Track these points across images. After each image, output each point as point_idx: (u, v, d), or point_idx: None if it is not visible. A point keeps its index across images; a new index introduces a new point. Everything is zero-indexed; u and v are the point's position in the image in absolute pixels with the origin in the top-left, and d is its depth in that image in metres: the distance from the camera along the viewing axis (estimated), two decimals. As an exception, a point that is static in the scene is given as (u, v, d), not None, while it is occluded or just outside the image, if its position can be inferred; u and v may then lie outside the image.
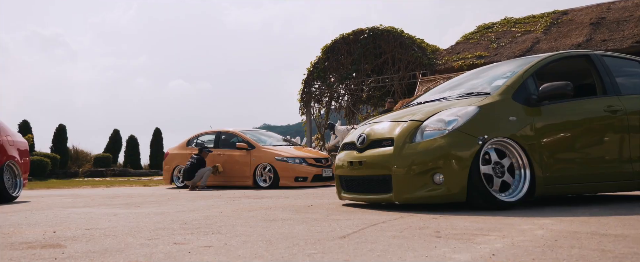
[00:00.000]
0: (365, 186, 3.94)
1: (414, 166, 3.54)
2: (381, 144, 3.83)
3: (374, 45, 14.98)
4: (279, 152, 9.72)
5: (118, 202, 5.72)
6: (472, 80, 4.50)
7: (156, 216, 3.70)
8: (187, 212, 3.98)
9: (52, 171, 20.43)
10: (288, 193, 6.83)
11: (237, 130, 10.61)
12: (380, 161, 3.74)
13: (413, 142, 3.61)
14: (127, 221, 3.32)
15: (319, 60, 16.04)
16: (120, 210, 4.37)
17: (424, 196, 3.51)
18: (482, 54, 13.22)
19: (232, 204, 4.82)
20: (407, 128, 3.70)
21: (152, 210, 4.28)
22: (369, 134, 3.97)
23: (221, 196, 6.66)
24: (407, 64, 14.12)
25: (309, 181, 9.45)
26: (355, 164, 3.98)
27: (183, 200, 5.81)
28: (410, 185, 3.55)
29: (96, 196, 7.30)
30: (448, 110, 3.66)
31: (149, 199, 6.11)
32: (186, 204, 4.96)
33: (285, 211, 3.88)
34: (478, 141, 3.45)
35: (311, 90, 16.38)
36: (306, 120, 16.67)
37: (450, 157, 3.45)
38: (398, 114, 4.15)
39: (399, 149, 3.63)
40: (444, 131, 3.53)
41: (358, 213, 3.51)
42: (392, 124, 3.89)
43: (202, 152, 9.82)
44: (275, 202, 5.04)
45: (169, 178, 10.96)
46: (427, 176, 3.50)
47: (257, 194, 6.72)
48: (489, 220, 2.86)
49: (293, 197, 5.92)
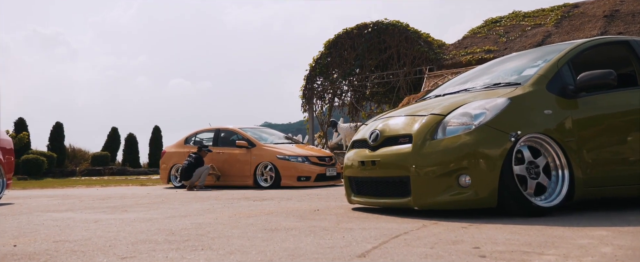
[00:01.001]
0: (379, 188, 3.49)
1: (436, 167, 3.09)
2: (397, 141, 3.38)
3: (378, 40, 14.51)
4: (280, 150, 9.27)
5: (106, 204, 5.28)
6: (495, 70, 4.05)
7: (142, 223, 3.25)
8: (178, 218, 3.54)
9: (49, 170, 20.02)
10: (290, 194, 6.39)
11: (237, 127, 10.16)
12: (397, 161, 3.29)
13: (434, 139, 3.17)
14: (106, 231, 2.87)
15: (321, 55, 15.58)
16: (104, 215, 3.92)
17: (448, 200, 3.06)
18: (491, 48, 12.74)
19: (229, 208, 4.37)
20: (427, 123, 3.25)
21: (139, 215, 3.84)
22: (383, 130, 3.52)
23: (219, 197, 6.22)
24: (413, 59, 13.64)
25: (312, 181, 9.00)
26: (367, 164, 3.53)
27: (177, 202, 5.37)
28: (431, 188, 3.11)
29: (86, 197, 6.86)
30: (474, 103, 3.21)
31: (141, 201, 5.67)
32: (179, 208, 4.52)
33: (288, 216, 3.43)
34: (510, 138, 3.00)
35: (313, 86, 15.92)
36: (308, 118, 16.21)
37: (478, 156, 3.00)
38: (414, 108, 3.70)
39: (419, 147, 3.18)
40: (470, 126, 3.08)
41: (372, 220, 3.07)
42: (410, 119, 3.44)
43: (201, 150, 9.37)
44: (277, 205, 4.59)
45: (166, 177, 10.51)
46: (451, 177, 3.05)
47: (257, 195, 6.28)
48: (532, 231, 2.41)
49: (296, 199, 5.48)
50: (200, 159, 9.23)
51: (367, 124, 4.05)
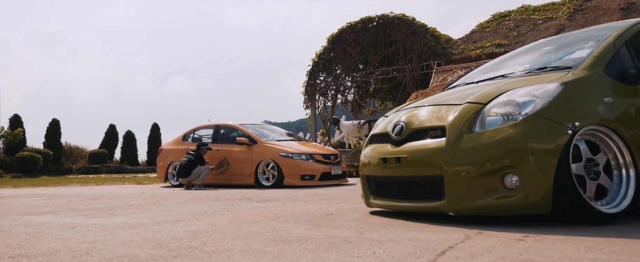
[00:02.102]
0: (405, 190, 2.99)
1: (476, 165, 2.59)
2: (426, 134, 2.89)
3: (383, 35, 13.99)
4: (283, 147, 8.76)
5: (94, 206, 4.78)
6: (533, 54, 3.55)
7: (126, 230, 2.76)
8: (170, 224, 3.04)
9: (44, 168, 19.52)
10: (295, 194, 5.90)
11: (237, 123, 9.65)
12: (427, 158, 2.80)
13: (472, 132, 2.67)
14: (80, 241, 2.38)
15: (324, 50, 15.07)
16: (86, 220, 3.43)
17: (491, 205, 2.56)
18: (502, 42, 12.24)
19: (230, 211, 3.88)
20: (462, 113, 2.75)
21: (126, 220, 3.34)
22: (409, 122, 3.02)
23: (218, 197, 5.73)
24: (420, 54, 13.13)
25: (316, 180, 8.49)
26: (389, 162, 3.03)
27: (172, 203, 4.87)
28: (470, 190, 2.61)
29: (76, 197, 6.37)
30: (519, 89, 2.71)
31: (133, 202, 5.17)
32: (173, 211, 4.02)
33: (299, 222, 2.94)
34: (566, 130, 2.50)
35: (316, 82, 15.41)
36: (311, 115, 15.71)
37: (527, 152, 2.50)
38: (443, 97, 3.21)
39: (454, 141, 2.69)
40: (516, 117, 2.58)
41: (400, 229, 2.57)
42: (440, 109, 2.94)
43: (200, 148, 8.86)
44: (283, 207, 4.10)
45: (164, 176, 10.00)
46: (495, 177, 2.55)
47: (260, 196, 5.78)
48: (611, 245, 1.92)
49: (303, 200, 4.98)
50: (200, 157, 8.73)
51: (387, 116, 3.55)
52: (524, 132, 2.53)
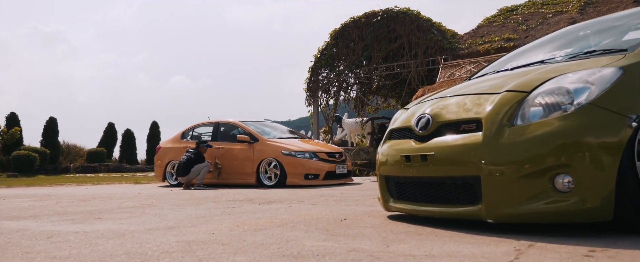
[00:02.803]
0: (432, 192, 2.60)
1: (521, 163, 2.20)
2: (458, 128, 2.49)
3: (387, 29, 13.58)
4: (285, 145, 8.37)
5: (82, 208, 4.39)
6: (572, 37, 3.15)
7: (109, 240, 2.37)
8: (162, 232, 2.65)
9: (41, 166, 19.13)
10: (300, 194, 5.51)
11: (238, 120, 9.26)
12: (459, 155, 2.40)
13: (514, 125, 2.28)
14: (51, 256, 1.99)
15: (327, 46, 14.67)
16: (68, 226, 3.03)
17: (539, 211, 2.17)
18: (511, 37, 11.84)
19: (230, 215, 3.48)
20: (502, 103, 2.36)
21: (113, 226, 2.95)
22: (436, 115, 2.63)
23: (218, 198, 5.34)
24: (425, 49, 12.73)
25: (320, 179, 8.10)
26: (414, 160, 2.64)
27: (168, 206, 4.48)
28: (513, 193, 2.22)
29: (67, 198, 5.98)
30: (569, 75, 2.31)
31: (126, 204, 4.78)
32: (167, 215, 3.63)
33: (310, 230, 2.55)
34: (629, 122, 2.11)
35: (318, 79, 15.01)
36: (313, 112, 15.32)
37: (583, 149, 2.11)
38: (472, 86, 2.81)
39: (493, 135, 2.30)
40: (567, 107, 2.19)
41: (432, 239, 2.18)
42: (474, 99, 2.55)
43: (200, 146, 8.47)
44: (289, 210, 3.71)
45: (161, 175, 9.62)
46: (543, 178, 2.16)
47: (262, 197, 5.39)
48: None
49: (309, 201, 4.59)
50: (200, 155, 8.34)
51: (407, 109, 3.15)
52: (578, 124, 2.14)
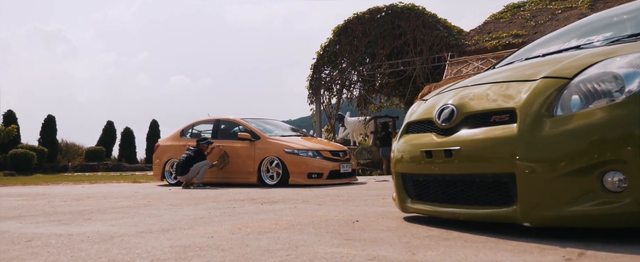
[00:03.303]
0: (457, 192, 2.32)
1: (563, 159, 1.92)
2: (488, 119, 2.22)
3: (392, 26, 13.29)
4: (288, 143, 8.09)
5: (73, 209, 4.12)
6: (603, 23, 2.88)
7: (95, 245, 2.09)
8: (156, 235, 2.38)
9: (39, 165, 18.87)
10: (304, 194, 5.24)
11: (239, 118, 8.98)
12: (490, 150, 2.13)
13: (554, 116, 2.00)
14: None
15: (329, 42, 14.38)
16: (53, 228, 2.76)
17: (585, 213, 1.89)
18: (519, 33, 11.56)
19: (231, 216, 3.21)
20: (539, 91, 2.08)
21: (102, 228, 2.67)
22: (462, 105, 2.35)
23: (218, 197, 5.07)
24: (431, 46, 12.44)
25: (324, 178, 7.83)
26: (436, 156, 2.36)
27: (164, 205, 4.21)
28: (554, 193, 1.94)
29: (60, 197, 5.71)
30: (617, 59, 2.04)
31: (121, 204, 4.51)
32: (163, 215, 3.36)
33: (321, 234, 2.27)
34: (690, 112, 1.84)
35: (321, 76, 14.73)
36: (315, 110, 15.04)
37: (636, 142, 1.83)
38: (501, 73, 2.53)
39: (529, 127, 2.02)
40: (616, 95, 1.91)
41: (463, 246, 1.90)
42: (505, 87, 2.27)
43: (200, 144, 8.19)
44: (295, 211, 3.43)
45: (160, 174, 9.33)
46: (590, 176, 1.89)
47: (264, 196, 5.12)
48: None
49: (314, 201, 4.32)
50: (200, 153, 8.05)
51: (425, 100, 2.87)
52: (629, 115, 1.86)
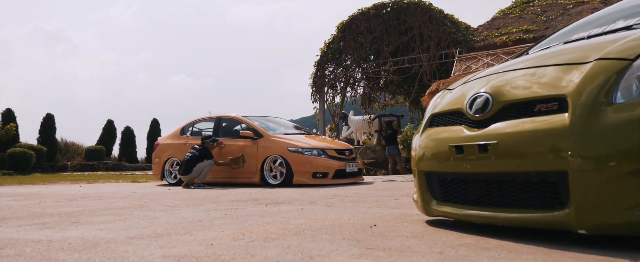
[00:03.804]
0: (493, 192, 2.02)
1: (627, 155, 1.62)
2: (532, 108, 1.91)
3: (397, 22, 12.98)
4: (292, 141, 7.78)
5: (63, 210, 3.82)
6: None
7: (75, 254, 1.80)
8: (148, 241, 2.08)
9: (38, 164, 18.59)
10: (310, 194, 4.94)
11: (241, 115, 8.66)
12: (535, 144, 1.82)
13: (614, 103, 1.69)
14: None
15: (333, 39, 14.07)
16: (34, 233, 2.46)
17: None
18: (530, 28, 11.23)
19: (233, 219, 2.91)
20: (593, 74, 1.78)
21: (89, 233, 2.38)
22: (499, 92, 2.04)
23: (219, 198, 4.77)
24: (438, 42, 12.13)
25: (329, 178, 7.52)
26: (468, 151, 2.06)
27: (161, 207, 3.92)
28: (615, 195, 1.64)
29: (54, 197, 5.42)
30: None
31: (115, 204, 4.22)
32: (159, 218, 3.06)
33: (336, 240, 1.97)
34: None
35: (324, 74, 14.42)
36: (318, 108, 14.73)
37: None
38: (540, 58, 2.21)
39: (584, 117, 1.71)
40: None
41: (508, 256, 1.60)
42: (551, 71, 1.96)
43: (205, 142, 7.86)
44: (303, 213, 3.13)
45: (160, 173, 9.02)
46: (661, 174, 1.59)
47: (268, 197, 4.82)
48: None
49: (322, 202, 4.02)
50: (206, 152, 7.71)
51: (450, 90, 2.56)
52: None
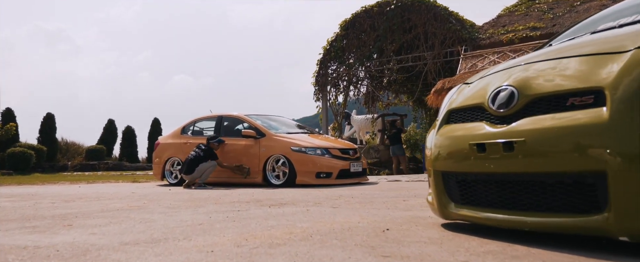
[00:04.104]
0: (521, 195, 1.84)
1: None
2: (564, 102, 1.73)
3: (401, 19, 12.81)
4: (295, 141, 7.61)
5: (57, 212, 3.66)
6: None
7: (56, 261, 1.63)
8: (142, 247, 1.91)
9: (38, 164, 18.45)
10: (315, 195, 4.77)
11: (243, 114, 8.49)
12: (568, 141, 1.65)
13: (659, 96, 1.52)
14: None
15: (336, 37, 13.90)
16: (19, 238, 2.29)
17: None
18: (537, 25, 11.05)
19: (236, 222, 2.74)
20: (632, 64, 1.60)
21: (81, 238, 2.21)
22: (525, 85, 1.87)
23: (220, 199, 4.60)
24: (443, 40, 11.94)
25: (333, 178, 7.35)
26: (491, 150, 1.88)
27: (160, 209, 3.75)
28: (663, 197, 1.47)
29: (50, 198, 5.26)
30: None
31: (112, 206, 4.06)
32: (157, 221, 2.90)
33: (348, 246, 1.80)
34: None
35: (327, 72, 14.25)
36: (321, 107, 14.56)
37: None
38: (568, 49, 2.04)
39: (624, 111, 1.54)
40: None
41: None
42: (584, 62, 1.79)
43: (211, 143, 7.68)
44: (309, 216, 2.96)
45: (160, 173, 8.86)
46: None
47: (271, 197, 4.65)
48: None
49: (328, 203, 3.85)
50: (210, 152, 7.54)
51: (469, 83, 2.38)
52: None
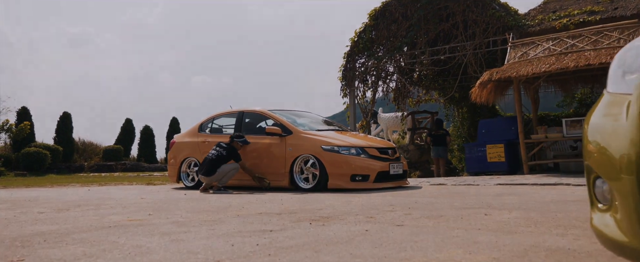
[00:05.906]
0: None
1: None
2: None
3: (437, 7, 11.70)
4: (326, 139, 6.61)
5: (26, 231, 2.73)
6: None
7: None
8: None
9: (53, 165, 17.85)
10: (358, 203, 3.76)
11: (266, 109, 7.52)
12: None
13: None
14: None
15: (365, 28, 12.85)
16: None
17: None
18: (595, 9, 9.84)
19: (269, 249, 1.74)
20: None
21: None
22: None
23: (243, 209, 3.64)
24: (485, 28, 10.80)
25: (370, 181, 6.33)
26: None
27: (167, 224, 2.79)
28: None
29: (46, 204, 4.38)
30: None
31: (108, 219, 3.12)
32: (159, 245, 1.92)
33: None
34: None
35: (355, 66, 13.21)
36: (349, 104, 13.53)
37: None
38: None
39: None
40: None
41: None
42: None
43: (234, 141, 6.72)
44: (378, 243, 1.95)
45: (176, 175, 7.94)
46: None
47: (307, 208, 3.66)
48: None
49: (383, 218, 2.83)
50: (233, 152, 6.57)
51: None
52: None
